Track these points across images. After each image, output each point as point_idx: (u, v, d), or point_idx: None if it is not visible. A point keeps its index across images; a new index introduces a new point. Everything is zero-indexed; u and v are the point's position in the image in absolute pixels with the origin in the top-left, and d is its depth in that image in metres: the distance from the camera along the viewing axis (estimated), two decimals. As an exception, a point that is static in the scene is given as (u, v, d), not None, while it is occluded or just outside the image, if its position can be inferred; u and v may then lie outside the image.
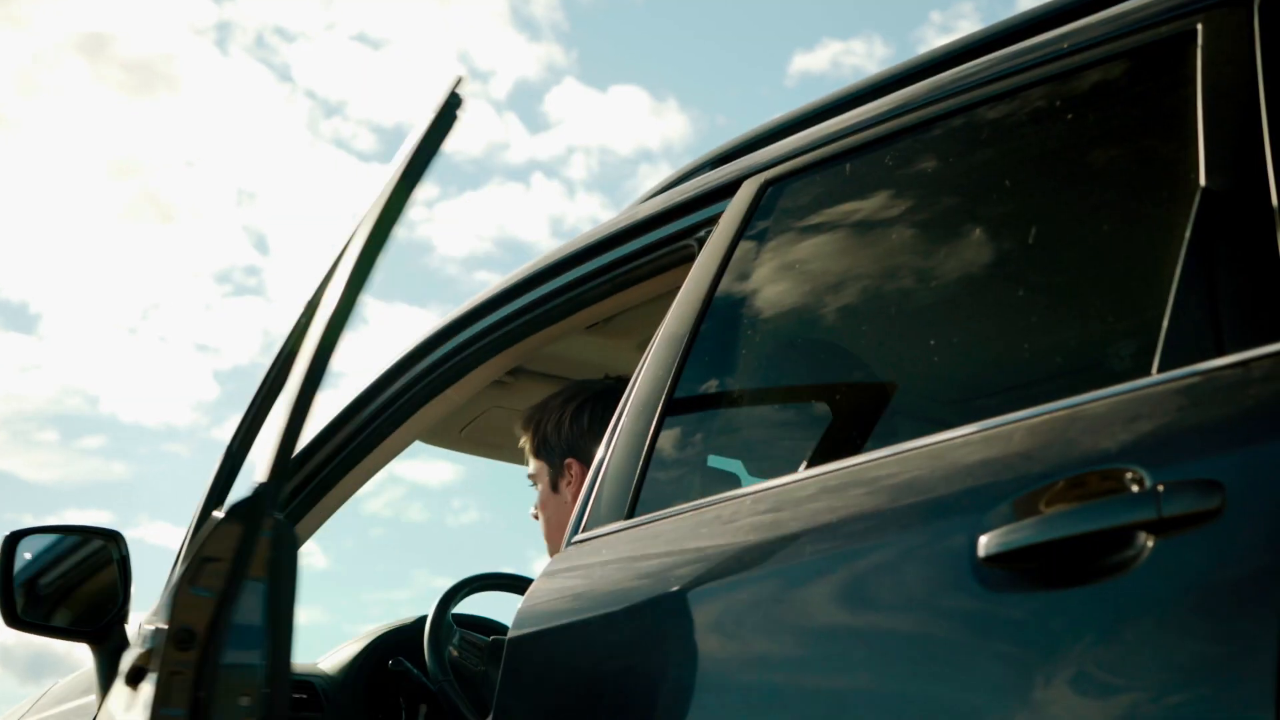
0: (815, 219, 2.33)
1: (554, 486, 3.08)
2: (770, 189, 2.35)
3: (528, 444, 3.14)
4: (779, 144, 2.44)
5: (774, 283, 2.28)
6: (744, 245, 2.32)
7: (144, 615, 2.36)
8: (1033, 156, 2.05)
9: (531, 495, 3.17)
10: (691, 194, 2.55)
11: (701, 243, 2.42)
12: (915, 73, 2.39)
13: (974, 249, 2.04)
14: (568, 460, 3.06)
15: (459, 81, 2.32)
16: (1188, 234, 1.63)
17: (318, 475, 3.21)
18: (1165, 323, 1.58)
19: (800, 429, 2.24)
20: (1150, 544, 1.44)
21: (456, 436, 3.48)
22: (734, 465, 2.33)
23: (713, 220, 2.43)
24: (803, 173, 2.32)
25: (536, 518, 3.13)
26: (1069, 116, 1.98)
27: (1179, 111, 1.77)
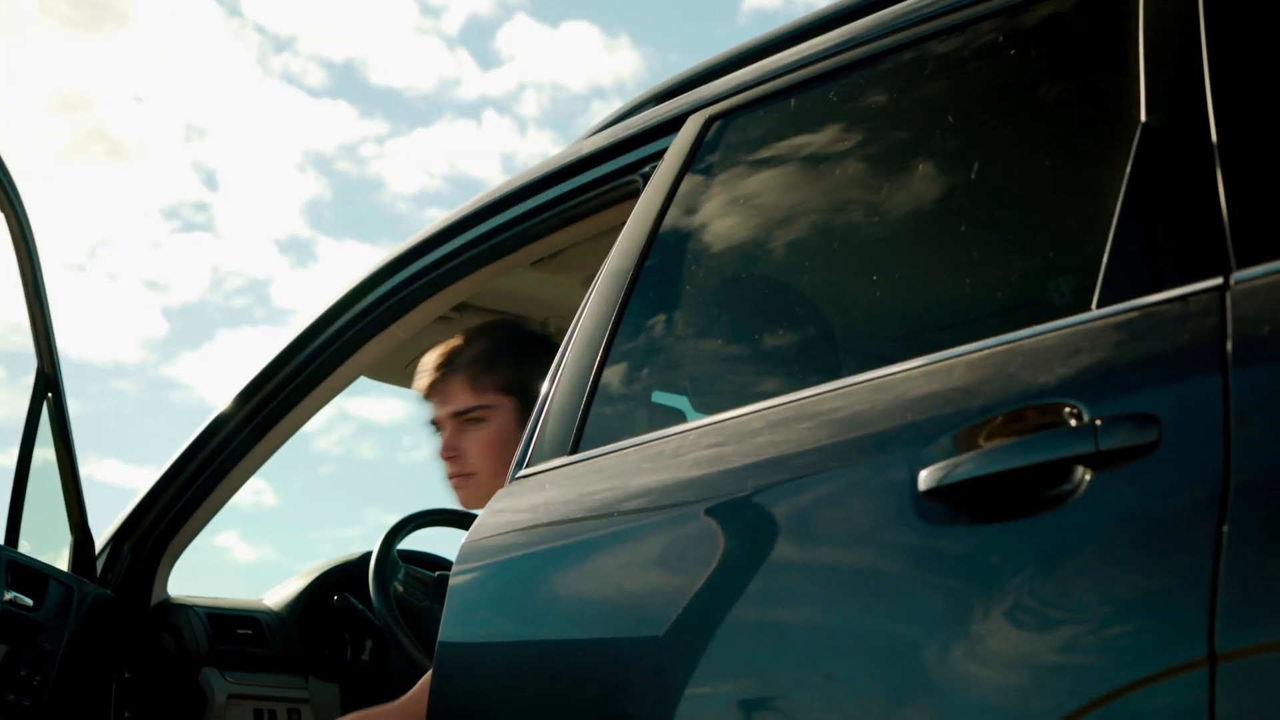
0: (761, 154, 2.32)
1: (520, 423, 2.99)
2: (716, 124, 2.35)
3: (476, 382, 3.02)
4: (724, 79, 2.43)
5: (719, 218, 2.28)
6: (689, 180, 2.31)
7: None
8: (977, 92, 2.05)
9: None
10: (637, 129, 2.54)
11: (647, 178, 2.41)
12: (861, 8, 2.39)
13: (918, 185, 2.05)
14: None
15: None
16: (1128, 170, 1.64)
17: (264, 409, 3.21)
18: (1105, 258, 1.59)
19: (745, 364, 2.25)
20: (1088, 477, 1.45)
21: (401, 372, 3.47)
22: (679, 401, 2.34)
23: (658, 155, 2.43)
24: (748, 108, 2.32)
25: (453, 458, 3.00)
26: (1013, 52, 1.98)
27: (1121, 46, 1.77)
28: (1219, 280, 1.47)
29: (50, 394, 3.20)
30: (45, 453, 3.22)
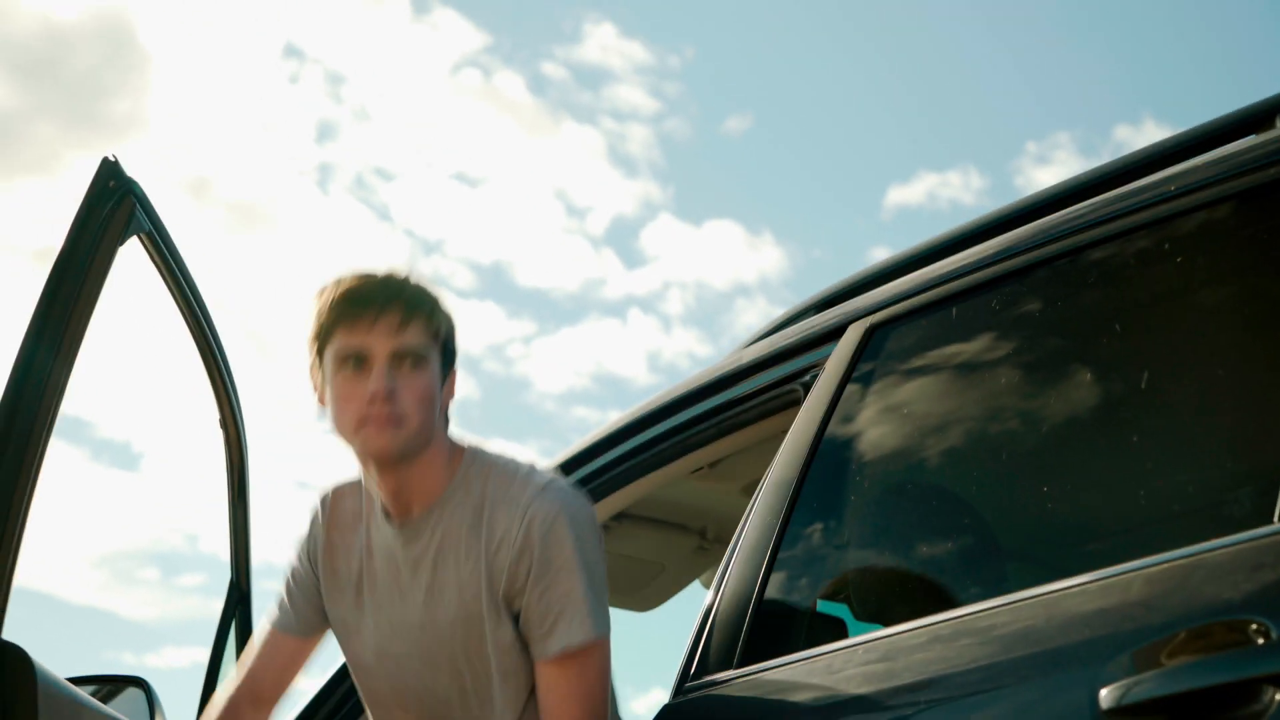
0: (922, 363, 2.32)
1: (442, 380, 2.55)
2: (876, 333, 2.35)
3: (431, 323, 2.54)
4: (884, 288, 2.44)
5: (881, 427, 2.27)
6: (850, 389, 2.31)
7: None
8: (1141, 300, 2.04)
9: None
10: (797, 338, 2.55)
11: (808, 387, 2.41)
12: (1018, 216, 2.39)
13: (1084, 393, 2.02)
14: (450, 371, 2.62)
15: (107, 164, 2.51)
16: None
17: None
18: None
19: (910, 575, 2.22)
20: (1278, 698, 1.40)
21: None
22: (842, 611, 2.31)
23: (819, 364, 2.43)
24: (908, 317, 2.32)
25: (390, 400, 2.52)
26: (1178, 259, 1.97)
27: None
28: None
29: (240, 609, 3.27)
30: (232, 667, 3.25)
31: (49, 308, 2.39)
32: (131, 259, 2.63)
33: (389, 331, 2.47)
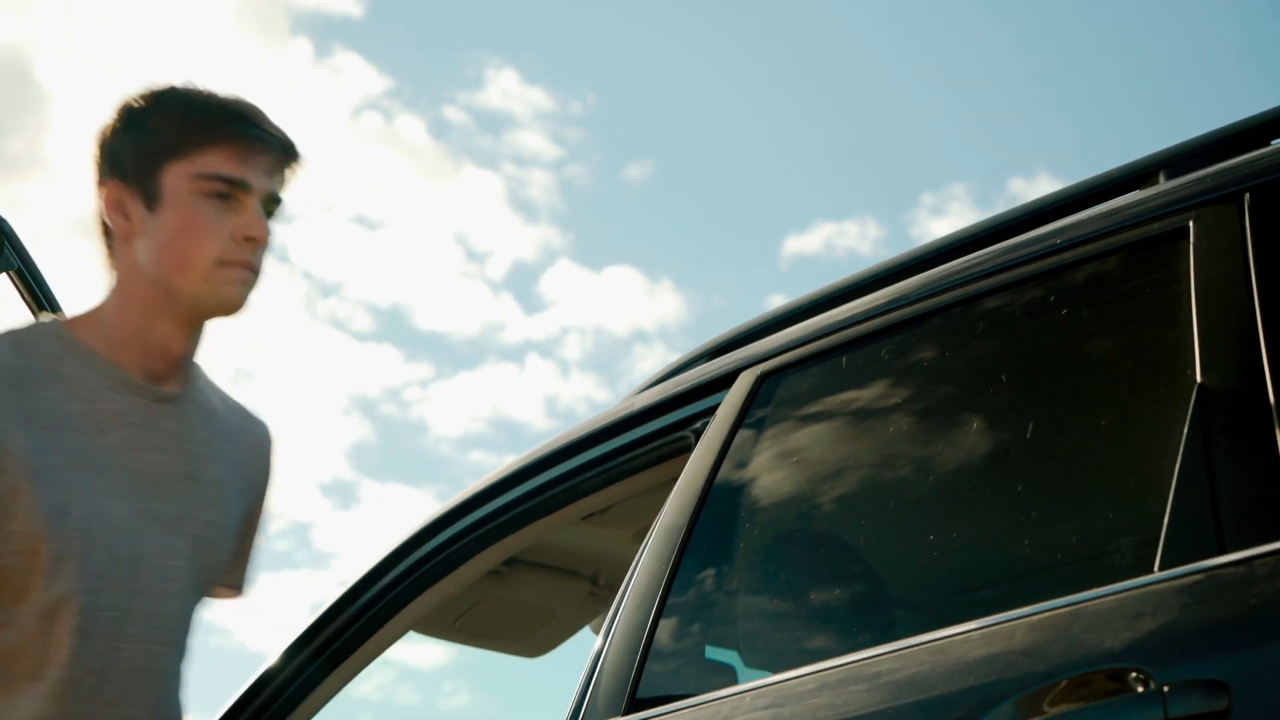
0: (813, 410, 2.33)
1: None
2: (767, 380, 2.36)
3: (291, 173, 2.24)
4: (776, 336, 2.45)
5: (772, 474, 2.28)
6: (741, 436, 2.32)
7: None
8: (1029, 351, 2.06)
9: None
10: (688, 385, 2.56)
11: (699, 434, 2.42)
12: (909, 266, 2.41)
13: (972, 442, 2.04)
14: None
15: None
16: (1185, 430, 1.63)
17: (309, 666, 3.18)
18: (1166, 519, 1.58)
19: (798, 622, 2.22)
20: (1157, 746, 1.42)
21: (450, 627, 3.44)
22: (731, 657, 2.31)
23: (710, 411, 2.44)
24: (800, 365, 2.33)
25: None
26: (1064, 311, 1.99)
27: (1173, 307, 1.78)
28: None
29: None
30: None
31: None
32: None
33: (266, 169, 2.15)
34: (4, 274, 2.55)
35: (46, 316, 2.30)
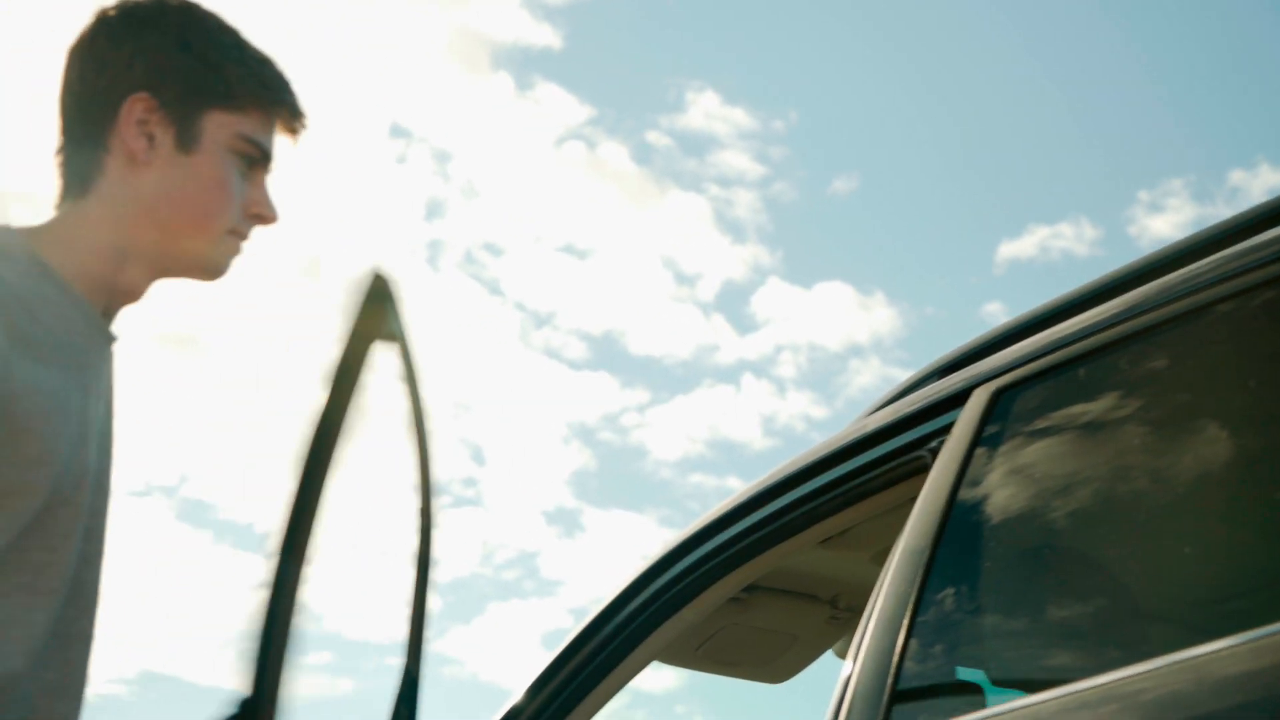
0: (1050, 425, 2.30)
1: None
2: (1003, 396, 2.34)
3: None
4: (1008, 350, 2.43)
5: (1012, 491, 2.26)
6: (979, 454, 2.30)
7: None
8: (1269, 355, 2.01)
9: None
10: (921, 404, 2.54)
11: (935, 453, 2.40)
12: (1138, 275, 2.37)
13: (1215, 451, 2.00)
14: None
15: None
16: None
17: (555, 700, 3.22)
18: None
19: (1049, 640, 2.19)
20: None
21: (692, 655, 3.46)
22: (980, 678, 2.29)
23: (945, 430, 2.42)
24: (1034, 379, 2.30)
25: None
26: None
27: None
28: None
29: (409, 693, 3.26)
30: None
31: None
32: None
33: (277, 146, 2.03)
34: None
35: None
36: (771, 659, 3.57)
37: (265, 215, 1.98)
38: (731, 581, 2.98)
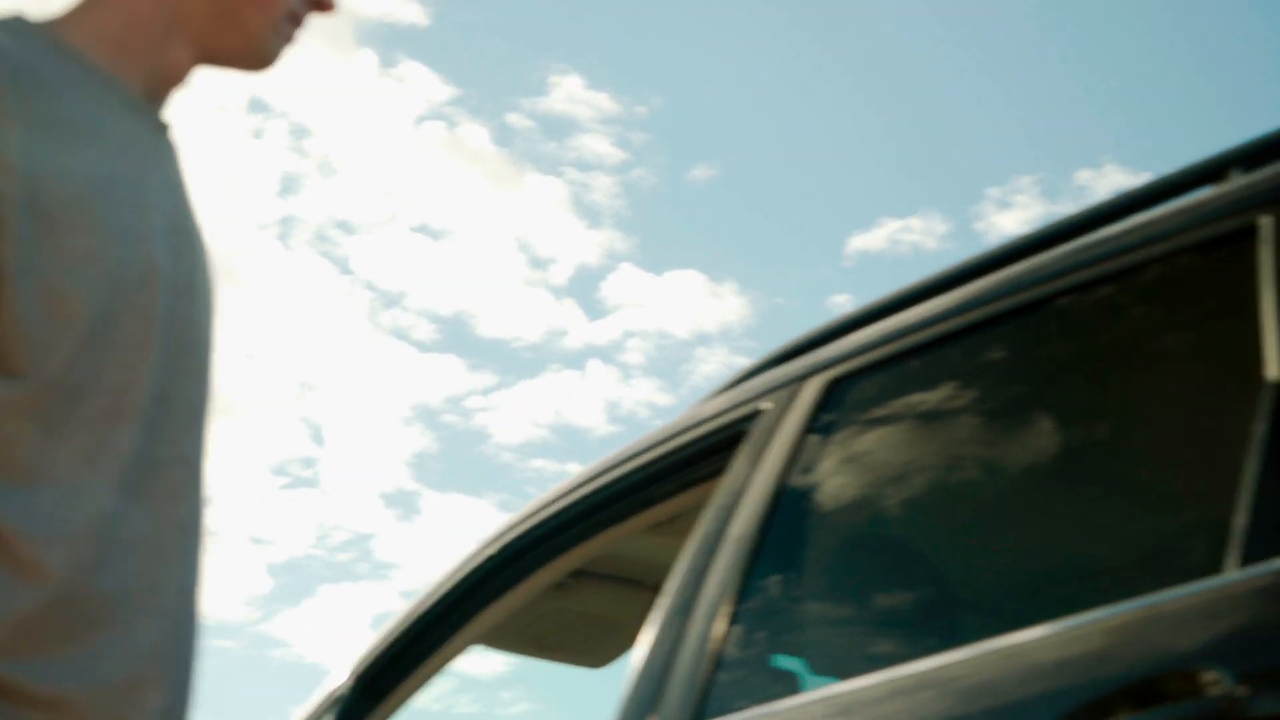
0: (881, 415, 2.31)
1: None
2: (835, 386, 2.34)
3: None
4: (843, 341, 2.43)
5: (840, 480, 2.26)
6: (809, 443, 2.30)
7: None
8: (1100, 352, 2.04)
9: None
10: (755, 392, 2.54)
11: (765, 441, 2.40)
12: (976, 270, 2.39)
13: (1042, 445, 2.02)
14: None
15: None
16: (1257, 428, 1.61)
17: (377, 681, 3.18)
18: (1240, 518, 1.55)
19: (868, 628, 2.20)
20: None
21: (516, 639, 3.44)
22: (798, 665, 2.29)
23: (778, 418, 2.42)
24: (868, 370, 2.31)
25: None
26: (1135, 311, 1.97)
27: (1244, 304, 1.75)
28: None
29: None
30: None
31: None
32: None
33: None
34: None
35: None
36: (595, 644, 3.56)
37: (327, 4, 1.74)
38: (557, 567, 2.96)
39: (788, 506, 2.26)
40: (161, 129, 1.69)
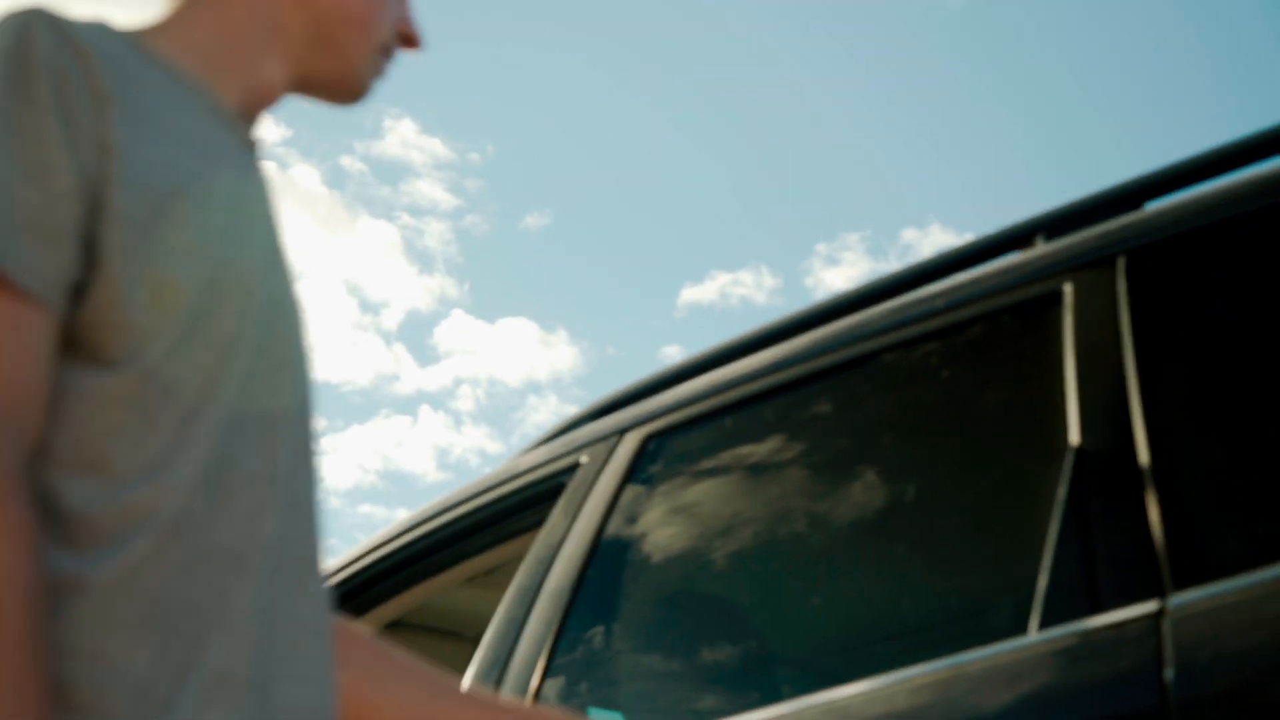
0: (697, 470, 2.33)
1: None
2: (652, 441, 2.36)
3: None
4: (661, 396, 2.45)
5: (655, 534, 2.28)
6: (626, 496, 2.31)
7: None
8: (910, 413, 2.08)
9: None
10: (575, 445, 2.55)
11: (583, 495, 2.41)
12: (792, 328, 2.43)
13: (854, 503, 2.05)
14: None
15: None
16: (1061, 492, 1.65)
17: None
18: (1043, 580, 1.59)
19: (684, 682, 2.22)
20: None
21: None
22: (614, 717, 2.30)
23: (596, 471, 2.43)
24: (685, 426, 2.33)
25: None
26: (946, 373, 2.01)
27: (1051, 369, 1.80)
28: (1156, 605, 1.47)
29: None
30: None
31: None
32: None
33: None
34: None
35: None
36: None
37: (413, 36, 1.68)
38: (374, 618, 2.93)
39: (604, 559, 2.27)
40: (251, 145, 1.60)
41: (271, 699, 1.33)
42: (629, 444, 2.39)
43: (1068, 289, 1.86)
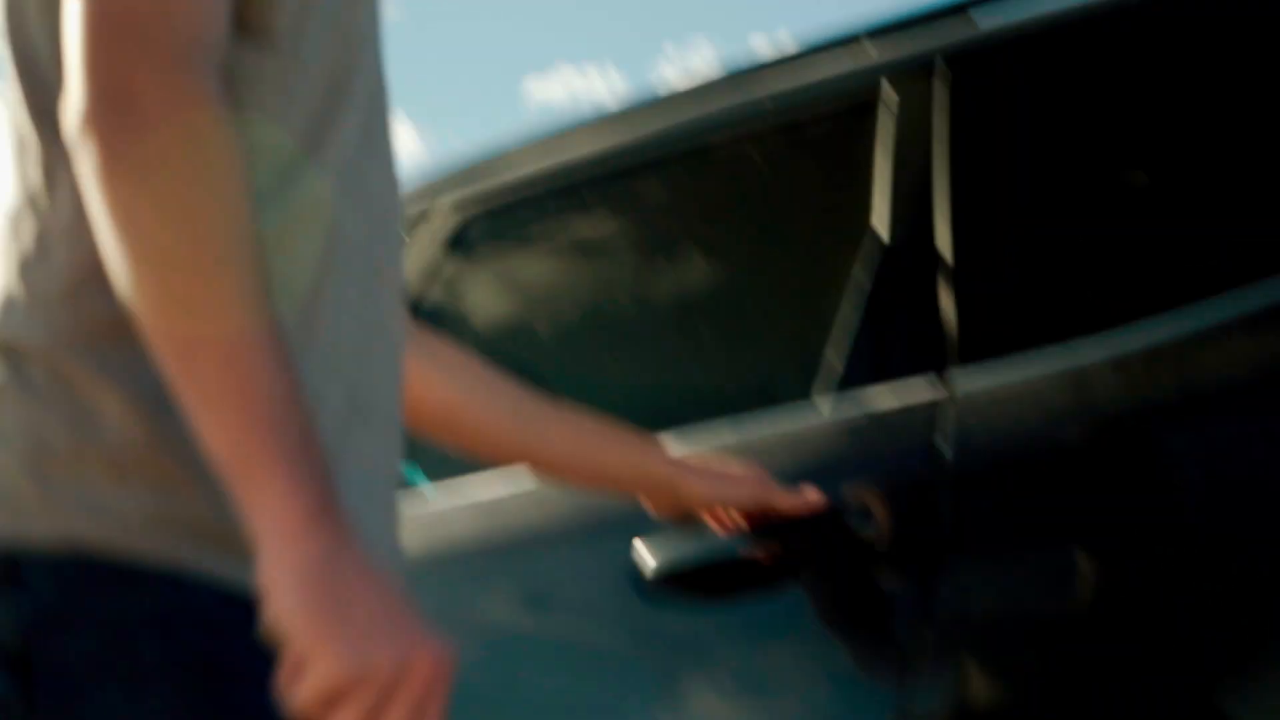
0: (510, 251, 2.35)
1: None
2: (470, 223, 2.38)
3: None
4: (479, 182, 2.46)
5: (467, 309, 2.31)
6: (442, 273, 2.34)
7: None
8: (730, 203, 2.12)
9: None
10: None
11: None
12: (619, 119, 2.45)
13: (666, 287, 2.12)
14: None
15: None
16: (863, 277, 1.74)
17: None
18: (835, 354, 1.69)
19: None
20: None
21: None
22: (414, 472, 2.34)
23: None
24: (501, 211, 2.35)
25: None
26: (765, 169, 2.06)
27: (864, 166, 1.87)
28: (939, 380, 1.58)
29: None
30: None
31: None
32: None
33: None
34: None
35: None
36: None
37: None
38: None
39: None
40: None
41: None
42: (441, 222, 2.40)
43: (887, 91, 1.91)
